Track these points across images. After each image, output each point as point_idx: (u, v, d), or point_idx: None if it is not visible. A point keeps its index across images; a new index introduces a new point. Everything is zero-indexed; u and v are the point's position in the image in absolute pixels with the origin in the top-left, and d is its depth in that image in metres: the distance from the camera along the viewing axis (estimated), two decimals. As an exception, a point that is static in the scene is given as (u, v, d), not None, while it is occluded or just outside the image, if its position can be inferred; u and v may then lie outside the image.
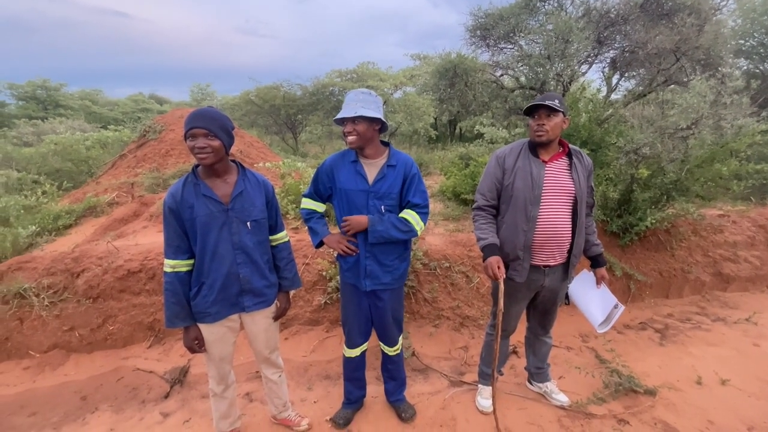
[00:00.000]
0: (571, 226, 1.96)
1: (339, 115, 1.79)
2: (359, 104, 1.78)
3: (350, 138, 1.81)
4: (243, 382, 2.64)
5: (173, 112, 8.84)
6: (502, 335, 2.31)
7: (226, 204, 1.68)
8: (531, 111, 1.91)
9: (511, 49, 5.19)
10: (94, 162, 8.05)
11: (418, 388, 2.57)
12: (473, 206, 2.12)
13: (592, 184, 2.08)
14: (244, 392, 2.54)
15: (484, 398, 2.39)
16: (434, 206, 5.34)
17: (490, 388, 2.43)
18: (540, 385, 2.49)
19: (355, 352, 2.16)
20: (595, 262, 2.17)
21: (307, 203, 2.07)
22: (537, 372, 2.49)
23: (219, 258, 1.69)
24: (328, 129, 13.51)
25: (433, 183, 6.95)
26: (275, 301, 1.94)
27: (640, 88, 4.93)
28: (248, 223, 1.74)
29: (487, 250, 1.93)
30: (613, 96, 5.65)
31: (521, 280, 2.01)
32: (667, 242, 3.99)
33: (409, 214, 1.90)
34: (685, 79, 4.25)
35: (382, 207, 1.88)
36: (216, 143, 1.59)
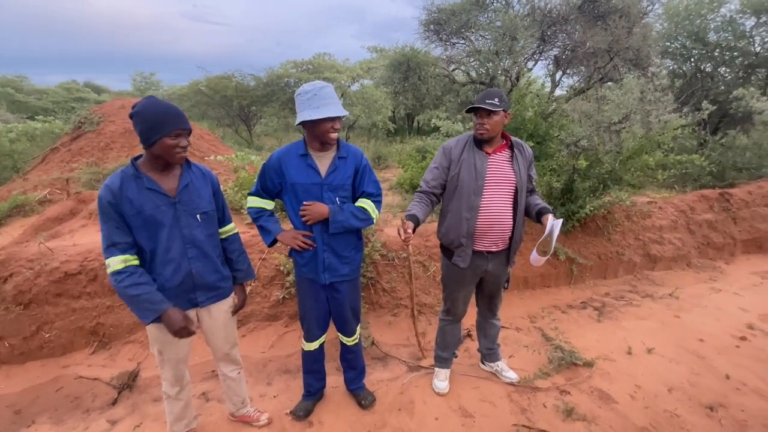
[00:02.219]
0: (512, 214, 2.09)
1: (330, 114, 1.72)
2: (338, 101, 1.79)
3: (334, 135, 1.81)
4: (198, 383, 2.56)
5: (113, 102, 8.21)
6: (453, 319, 2.43)
7: (173, 197, 1.62)
8: (473, 110, 2.01)
9: (462, 44, 5.36)
10: (20, 156, 7.31)
11: (377, 376, 2.64)
12: (416, 191, 2.19)
13: (533, 174, 2.20)
14: (199, 392, 2.47)
15: (440, 380, 2.50)
16: (392, 198, 5.44)
17: (447, 370, 2.56)
18: (491, 364, 2.65)
19: (314, 345, 2.17)
20: (541, 214, 2.11)
21: (255, 202, 2.02)
22: (488, 353, 2.64)
23: (169, 253, 1.62)
24: (284, 121, 13.16)
25: (391, 176, 7.04)
26: (232, 295, 1.91)
27: (581, 84, 5.30)
28: (198, 216, 1.69)
29: (410, 217, 1.99)
30: (557, 92, 6.03)
31: (465, 266, 2.13)
32: (604, 228, 4.34)
33: (365, 203, 1.94)
34: (619, 77, 4.63)
35: (337, 199, 1.90)
36: (188, 140, 1.62)
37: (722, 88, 7.08)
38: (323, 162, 1.89)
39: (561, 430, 2.16)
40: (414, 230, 1.93)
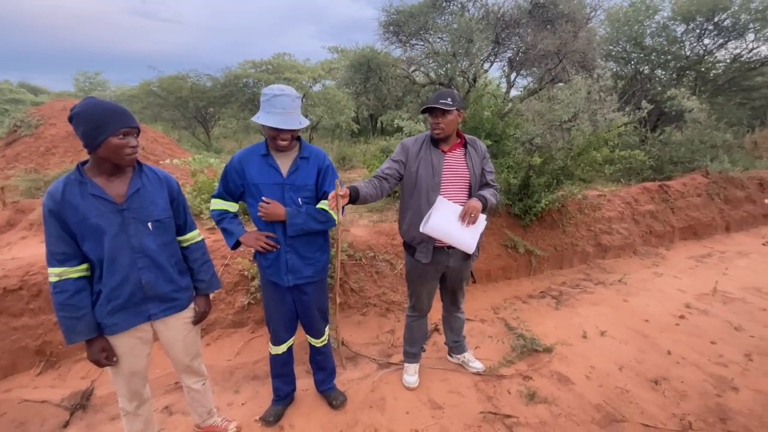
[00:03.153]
0: None
1: (274, 125, 1.71)
2: (296, 111, 1.77)
3: (282, 144, 1.79)
4: (160, 396, 2.45)
5: (53, 103, 7.61)
6: (419, 315, 2.48)
7: (120, 204, 1.54)
8: (428, 110, 2.08)
9: (421, 45, 5.47)
10: (-55, 164, 6.59)
11: (348, 375, 2.64)
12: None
13: (487, 168, 2.23)
14: (162, 406, 2.36)
15: (409, 375, 2.55)
16: (358, 199, 5.45)
17: (416, 364, 2.61)
18: (458, 356, 2.73)
19: (281, 349, 2.15)
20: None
21: (218, 204, 1.97)
22: (455, 345, 2.72)
23: (116, 263, 1.54)
24: (244, 123, 12.76)
25: (356, 176, 7.03)
26: (192, 305, 1.84)
27: (534, 85, 5.58)
28: (149, 224, 1.61)
29: (353, 189, 1.92)
30: (512, 92, 6.31)
31: (427, 261, 2.20)
32: (560, 221, 4.59)
33: (326, 205, 1.94)
34: (568, 78, 4.93)
35: (299, 199, 1.89)
36: (137, 140, 1.54)
37: (659, 88, 7.70)
38: (285, 162, 1.88)
39: (525, 413, 2.28)
40: (350, 200, 1.87)
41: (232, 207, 2.00)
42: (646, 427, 2.16)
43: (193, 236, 1.85)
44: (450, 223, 1.99)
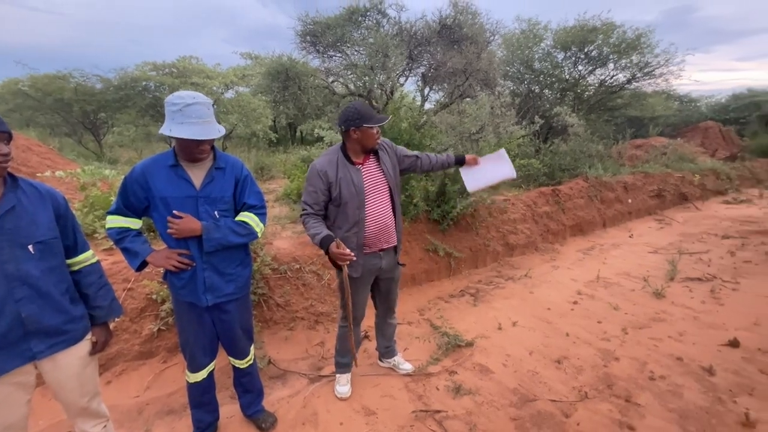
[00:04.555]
0: (392, 212, 2.26)
1: (193, 136, 1.59)
2: (212, 119, 1.66)
3: (205, 155, 1.69)
4: (46, 451, 2.07)
5: None
6: (353, 323, 2.49)
7: None
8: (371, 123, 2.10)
9: (339, 57, 5.56)
10: None
11: (277, 395, 2.53)
12: (301, 214, 2.18)
13: (406, 152, 2.36)
14: (49, 463, 2.00)
15: (341, 385, 2.53)
16: (280, 210, 5.26)
17: (347, 374, 2.60)
18: (389, 360, 2.80)
19: (201, 375, 1.98)
20: (460, 160, 2.52)
21: (116, 221, 1.75)
22: (386, 350, 2.78)
23: None
24: (144, 130, 11.49)
25: (277, 186, 6.80)
26: (88, 336, 1.60)
27: (445, 99, 6.03)
28: (30, 247, 1.38)
29: (326, 240, 1.99)
30: (427, 105, 6.74)
31: (358, 275, 2.23)
32: (473, 224, 4.99)
33: (247, 216, 1.86)
34: (475, 94, 5.44)
35: (216, 212, 1.77)
36: (9, 147, 1.31)
37: (547, 105, 8.89)
38: (197, 173, 1.75)
39: (452, 406, 2.41)
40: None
41: (134, 224, 1.79)
42: (553, 402, 2.44)
43: (86, 258, 1.62)
44: (481, 174, 2.52)
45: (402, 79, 5.75)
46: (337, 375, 2.59)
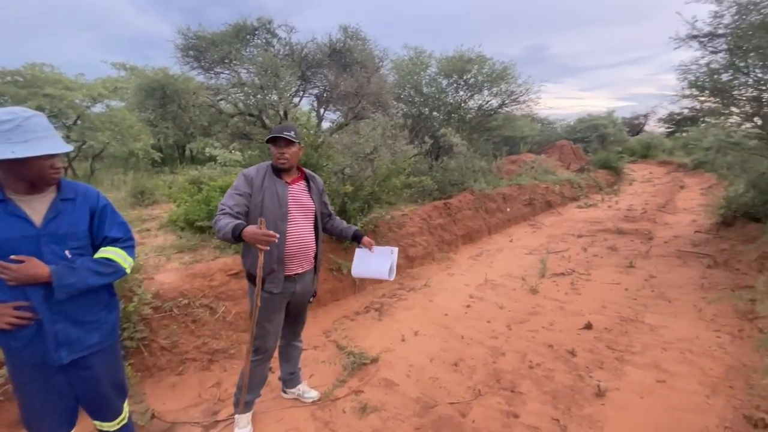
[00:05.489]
0: (314, 237, 2.29)
1: (48, 150, 1.37)
2: (56, 134, 1.44)
3: (57, 176, 1.45)
4: None
5: None
6: (264, 357, 2.33)
7: None
8: (273, 140, 2.11)
9: (227, 74, 5.29)
10: None
11: (162, 454, 2.21)
12: (215, 215, 2.04)
13: (327, 201, 2.51)
14: None
15: (241, 428, 2.33)
16: (165, 238, 4.72)
17: (249, 414, 2.40)
18: (293, 390, 2.68)
19: (54, 451, 1.63)
20: (357, 237, 2.58)
21: None
22: (290, 377, 2.66)
23: None
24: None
25: (160, 212, 6.09)
26: None
27: (341, 119, 6.18)
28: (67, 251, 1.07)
29: (239, 227, 1.86)
30: (325, 124, 6.82)
31: (278, 291, 2.16)
32: (375, 240, 5.14)
33: (111, 252, 1.61)
34: (368, 116, 5.68)
35: (67, 251, 1.51)
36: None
37: (436, 126, 9.73)
38: (36, 207, 1.47)
39: (359, 427, 2.41)
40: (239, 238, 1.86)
41: None
42: (452, 405, 2.61)
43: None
44: (370, 261, 2.53)
45: (296, 100, 5.71)
46: (237, 416, 2.38)
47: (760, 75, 5.18)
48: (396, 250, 2.59)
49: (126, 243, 1.68)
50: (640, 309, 4.05)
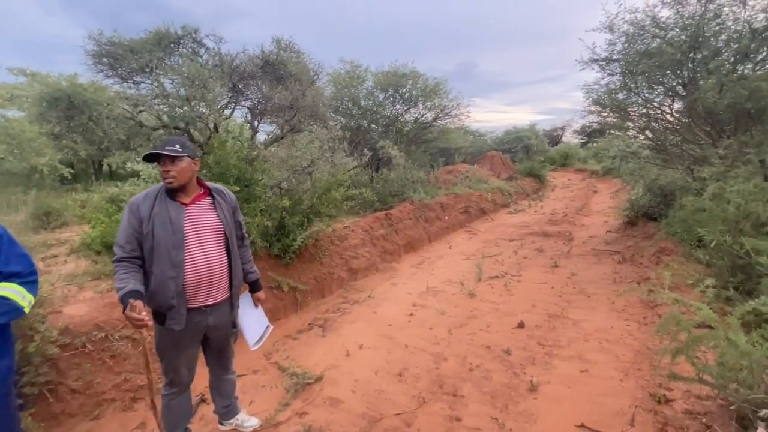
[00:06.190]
0: (227, 260, 2.07)
1: None
2: None
3: None
4: None
5: None
6: (180, 389, 2.16)
7: None
8: (154, 158, 1.90)
9: (149, 84, 4.91)
10: None
11: None
12: (113, 259, 1.87)
13: (240, 219, 2.25)
14: None
15: (168, 471, 2.12)
16: (76, 265, 4.21)
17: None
18: (231, 421, 2.50)
19: None
20: (253, 288, 2.43)
21: None
22: (225, 411, 2.48)
23: None
24: None
25: (71, 235, 5.43)
26: None
27: (277, 132, 6.03)
28: None
29: (126, 297, 1.72)
30: (261, 136, 6.60)
31: (181, 328, 1.95)
32: (316, 254, 5.06)
33: (7, 289, 1.42)
34: (305, 128, 5.62)
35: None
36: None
37: (375, 138, 9.89)
38: None
39: (303, 451, 2.31)
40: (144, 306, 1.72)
41: None
42: (397, 416, 2.62)
43: None
44: (247, 311, 2.39)
45: (227, 112, 5.47)
46: (165, 459, 2.17)
47: (647, 95, 6.04)
48: (271, 328, 2.57)
49: (26, 278, 1.49)
50: (565, 305, 4.43)
